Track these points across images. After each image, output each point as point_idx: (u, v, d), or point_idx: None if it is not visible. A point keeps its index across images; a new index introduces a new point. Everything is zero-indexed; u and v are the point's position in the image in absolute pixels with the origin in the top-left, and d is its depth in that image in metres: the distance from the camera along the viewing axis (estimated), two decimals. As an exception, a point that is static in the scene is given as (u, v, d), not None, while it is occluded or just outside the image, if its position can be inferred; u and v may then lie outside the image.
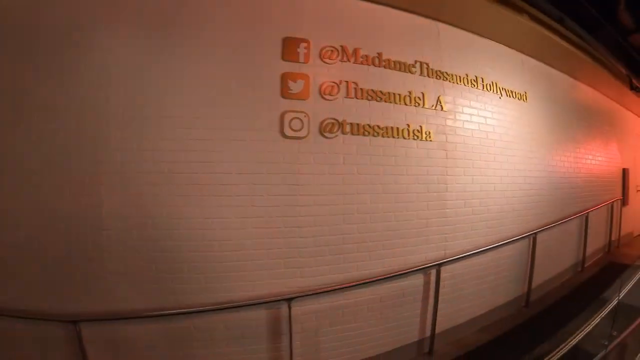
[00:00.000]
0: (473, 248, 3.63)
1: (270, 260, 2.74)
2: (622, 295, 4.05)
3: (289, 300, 2.71)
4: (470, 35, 3.78)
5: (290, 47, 2.81)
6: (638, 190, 7.77)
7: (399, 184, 3.25)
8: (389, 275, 3.09)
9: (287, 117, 2.78)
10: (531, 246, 4.18)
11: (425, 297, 3.38)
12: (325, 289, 2.84)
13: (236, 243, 2.65)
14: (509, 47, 4.15)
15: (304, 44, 2.87)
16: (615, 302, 3.84)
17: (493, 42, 4.00)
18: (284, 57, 2.80)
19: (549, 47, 4.32)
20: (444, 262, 3.37)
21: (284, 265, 2.78)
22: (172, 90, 2.57)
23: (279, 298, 2.70)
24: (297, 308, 2.78)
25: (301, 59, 2.86)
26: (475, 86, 3.76)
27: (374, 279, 3.02)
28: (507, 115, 4.08)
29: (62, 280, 2.40)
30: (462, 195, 3.64)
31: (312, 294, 2.79)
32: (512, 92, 4.13)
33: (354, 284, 2.95)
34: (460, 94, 3.64)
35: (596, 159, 5.94)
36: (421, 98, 3.38)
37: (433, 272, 3.36)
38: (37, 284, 2.37)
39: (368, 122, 3.09)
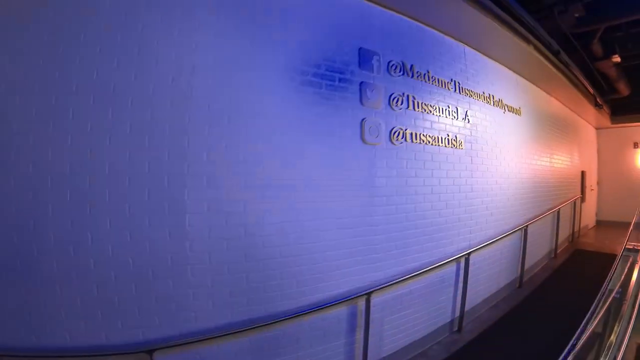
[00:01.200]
0: (487, 239, 4.30)
1: (352, 259, 2.94)
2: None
3: (369, 294, 2.91)
4: (485, 58, 4.45)
5: (365, 58, 3.08)
6: (592, 189, 9.53)
7: (441, 185, 3.74)
8: (435, 265, 3.53)
9: (366, 124, 3.04)
10: (523, 237, 5.04)
11: (457, 282, 3.92)
12: (397, 280, 3.17)
13: (324, 244, 2.74)
14: (510, 69, 4.95)
15: (376, 57, 3.16)
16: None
17: (499, 65, 4.74)
18: (361, 66, 3.05)
19: (540, 72, 5.23)
20: (471, 251, 3.95)
21: (362, 262, 3.02)
22: (264, 86, 2.48)
23: (361, 292, 2.88)
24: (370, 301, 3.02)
25: (374, 70, 3.15)
26: (489, 102, 4.45)
27: (427, 269, 3.43)
28: (508, 127, 4.87)
29: (134, 302, 2.03)
30: (480, 195, 4.29)
31: (386, 286, 3.09)
32: (511, 107, 4.93)
33: (414, 274, 3.33)
34: (479, 109, 4.28)
35: (564, 163, 7.17)
36: (456, 112, 3.92)
37: (462, 260, 3.91)
38: (104, 310, 1.98)
39: (422, 132, 3.51)
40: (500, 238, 4.49)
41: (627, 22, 4.74)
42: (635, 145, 9.83)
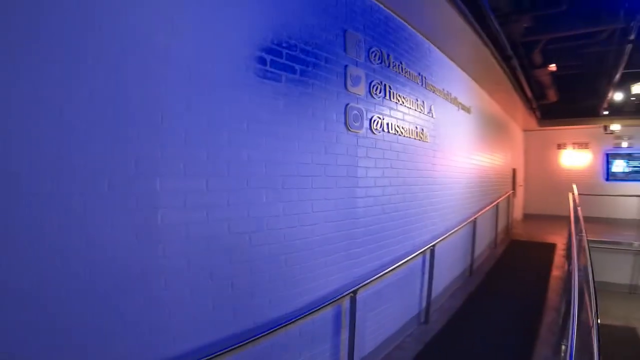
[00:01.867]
0: (447, 230, 4.45)
1: (337, 255, 2.74)
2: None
3: (354, 292, 2.69)
4: (446, 58, 4.61)
5: (350, 41, 2.88)
6: (520, 186, 10.56)
7: (411, 177, 3.73)
8: (408, 258, 3.49)
9: (350, 110, 2.85)
10: (472, 228, 5.35)
11: (423, 274, 3.98)
12: (378, 275, 3.04)
13: (313, 240, 2.50)
14: (464, 70, 5.21)
15: (359, 42, 2.99)
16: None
17: (456, 66, 4.96)
18: (346, 50, 2.85)
19: (489, 75, 5.61)
20: (436, 242, 4.03)
21: (346, 258, 2.84)
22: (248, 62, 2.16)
23: (347, 290, 2.67)
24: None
25: (358, 55, 2.97)
26: (447, 99, 4.60)
27: (402, 262, 3.37)
28: (461, 124, 5.12)
29: (90, 329, 1.45)
30: (442, 188, 4.42)
31: (369, 281, 2.93)
32: (464, 106, 5.18)
33: (391, 268, 3.24)
34: (441, 104, 4.39)
35: (501, 161, 7.80)
36: (423, 105, 3.95)
37: (428, 252, 3.96)
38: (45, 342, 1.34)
39: (397, 123, 3.44)
40: (458, 229, 4.70)
41: (564, 37, 5.35)
42: (559, 146, 11.26)
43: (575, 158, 10.95)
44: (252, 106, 2.07)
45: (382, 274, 3.07)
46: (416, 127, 3.79)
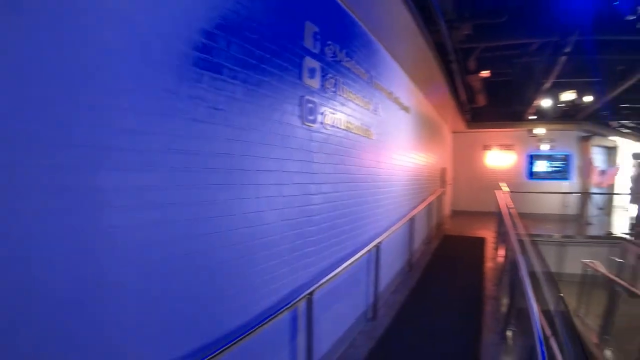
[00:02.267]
0: (390, 226, 4.58)
1: (294, 254, 2.59)
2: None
3: (311, 293, 2.54)
4: (391, 58, 4.74)
5: (309, 33, 2.76)
6: (449, 184, 11.32)
7: (359, 174, 3.75)
8: (358, 255, 3.44)
9: (305, 102, 2.73)
10: (410, 224, 5.60)
11: (369, 270, 3.99)
12: (333, 274, 2.95)
13: (270, 240, 2.29)
14: (405, 71, 5.42)
15: (317, 33, 2.88)
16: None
17: (399, 66, 5.14)
18: (305, 39, 2.72)
19: (427, 77, 5.94)
20: (382, 238, 4.11)
21: (301, 257, 2.71)
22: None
23: (304, 293, 2.49)
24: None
25: (315, 46, 2.86)
26: (390, 98, 4.74)
27: (352, 259, 3.30)
28: (401, 123, 5.33)
29: None
30: (385, 184, 4.54)
31: (324, 281, 2.83)
32: (404, 106, 5.39)
33: (344, 266, 3.16)
34: (385, 103, 4.51)
35: (433, 160, 8.27)
36: (370, 103, 3.99)
37: (374, 248, 3.97)
38: None
39: (347, 119, 3.41)
40: (400, 225, 4.87)
41: (500, 46, 5.90)
42: (485, 147, 12.39)
43: (501, 158, 12.14)
44: (209, 92, 1.82)
45: (335, 272, 2.99)
46: (363, 124, 3.82)
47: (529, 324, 1.98)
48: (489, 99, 9.15)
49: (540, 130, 10.49)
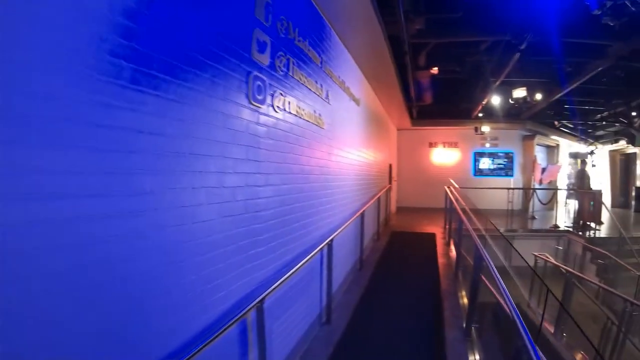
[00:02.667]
0: (342, 223, 4.34)
1: (238, 257, 2.18)
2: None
3: (261, 301, 2.19)
4: (342, 45, 4.50)
5: (260, 3, 2.39)
6: (394, 180, 11.34)
7: (310, 165, 3.43)
8: (310, 255, 3.10)
9: (254, 80, 2.34)
10: (361, 221, 5.42)
11: (322, 270, 3.70)
12: (284, 278, 2.59)
13: (209, 241, 1.88)
14: (356, 63, 5.27)
15: (269, 5, 2.51)
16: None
17: (350, 56, 4.94)
18: (256, 12, 2.34)
19: (379, 71, 5.82)
20: (334, 236, 3.81)
21: (248, 260, 2.30)
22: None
23: (253, 301, 2.10)
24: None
25: (267, 19, 2.48)
26: (342, 88, 4.51)
27: (304, 260, 2.97)
28: (352, 115, 5.14)
29: None
30: (337, 178, 4.29)
31: (275, 287, 2.45)
32: (354, 97, 5.20)
33: (297, 267, 2.81)
34: (336, 91, 4.25)
35: (381, 155, 8.20)
36: (321, 89, 3.70)
37: (326, 247, 3.64)
38: None
39: (297, 104, 3.08)
40: (351, 221, 4.65)
41: (452, 42, 5.93)
42: (431, 145, 12.73)
43: (446, 156, 12.57)
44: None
45: (287, 275, 2.63)
46: (315, 111, 3.51)
47: (499, 319, 1.83)
48: (435, 97, 9.44)
49: (486, 128, 10.93)
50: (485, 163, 12.30)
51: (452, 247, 6.49)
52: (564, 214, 10.10)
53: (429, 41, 6.27)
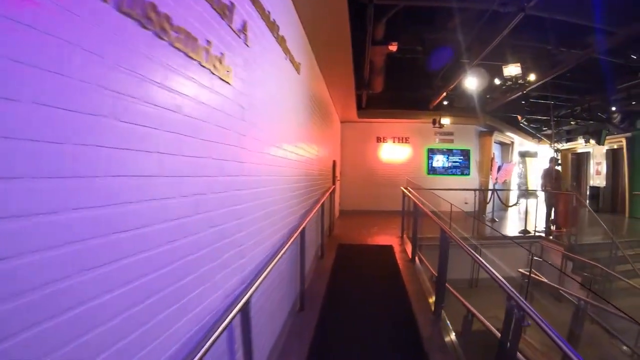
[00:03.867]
0: (269, 255, 2.59)
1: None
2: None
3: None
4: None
5: None
6: (338, 180, 9.51)
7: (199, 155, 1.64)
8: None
9: None
10: (300, 242, 3.67)
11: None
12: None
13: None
14: (299, 18, 3.65)
15: None
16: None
17: (295, 12, 3.45)
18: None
19: (331, 37, 4.31)
20: (255, 289, 2.09)
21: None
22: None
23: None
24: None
25: None
26: (274, 34, 2.74)
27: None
28: (289, 84, 3.39)
29: None
30: (268, 181, 2.53)
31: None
32: (293, 58, 3.42)
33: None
34: (260, 30, 2.43)
35: (325, 150, 6.48)
36: (233, 12, 1.91)
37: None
38: None
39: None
40: (286, 249, 2.91)
41: (414, 10, 4.50)
42: (378, 139, 11.08)
43: (396, 152, 11.05)
44: None
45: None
46: (208, 43, 1.71)
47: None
48: (386, 84, 8.09)
49: (446, 121, 9.49)
50: (439, 161, 11.07)
51: (418, 263, 5.11)
52: (525, 217, 9.20)
53: (394, 2, 4.85)
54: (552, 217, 7.39)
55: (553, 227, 7.37)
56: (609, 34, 5.07)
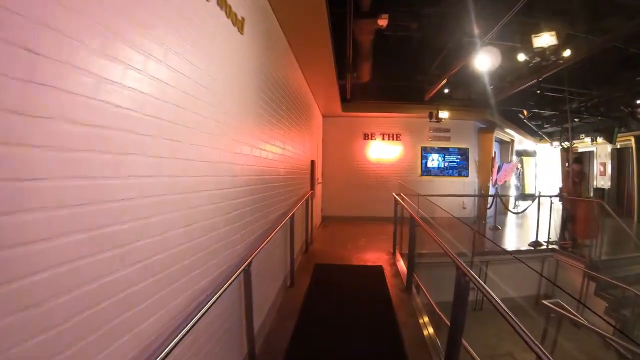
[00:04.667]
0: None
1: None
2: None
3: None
4: None
5: None
6: (319, 183, 8.18)
7: None
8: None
9: None
10: (245, 281, 2.51)
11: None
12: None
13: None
14: None
15: None
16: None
17: None
18: None
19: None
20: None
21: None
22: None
23: None
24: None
25: None
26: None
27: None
28: (225, 45, 2.18)
29: None
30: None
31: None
32: (230, 9, 2.25)
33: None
34: None
35: (298, 147, 5.23)
36: None
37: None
38: None
39: None
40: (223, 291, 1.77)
41: None
42: (366, 136, 9.66)
43: (386, 151, 9.72)
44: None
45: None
46: None
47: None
48: (375, 71, 6.95)
49: (445, 114, 8.20)
50: (434, 160, 9.74)
51: (415, 292, 3.99)
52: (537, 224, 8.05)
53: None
54: (568, 226, 6.35)
55: (567, 237, 6.34)
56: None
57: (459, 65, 5.58)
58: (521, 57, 4.87)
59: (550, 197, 6.58)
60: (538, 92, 7.12)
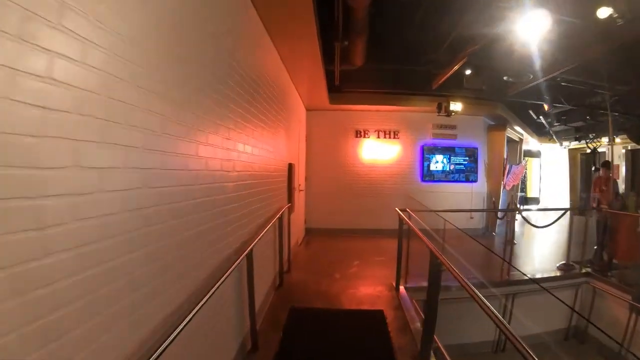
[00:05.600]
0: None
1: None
2: None
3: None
4: None
5: None
6: (301, 191, 6.75)
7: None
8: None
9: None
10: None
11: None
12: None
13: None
14: None
15: None
16: None
17: None
18: None
19: None
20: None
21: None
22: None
23: None
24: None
25: None
26: None
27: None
28: None
29: None
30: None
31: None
32: None
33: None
34: None
35: (270, 152, 3.86)
36: None
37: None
38: None
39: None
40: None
41: None
42: (358, 134, 8.24)
43: (381, 151, 8.31)
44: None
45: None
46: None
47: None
48: (369, 53, 5.60)
49: (458, 106, 6.70)
50: (438, 163, 8.27)
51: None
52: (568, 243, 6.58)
53: None
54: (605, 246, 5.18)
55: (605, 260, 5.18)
56: None
57: (489, 35, 4.12)
58: (603, 12, 3.52)
59: (583, 210, 5.39)
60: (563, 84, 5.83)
